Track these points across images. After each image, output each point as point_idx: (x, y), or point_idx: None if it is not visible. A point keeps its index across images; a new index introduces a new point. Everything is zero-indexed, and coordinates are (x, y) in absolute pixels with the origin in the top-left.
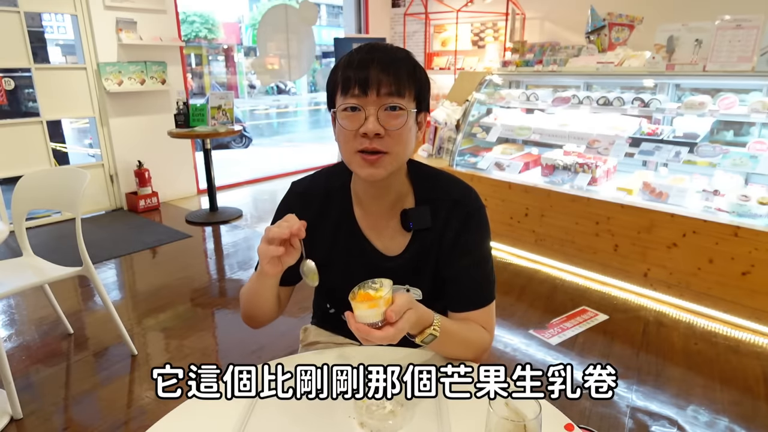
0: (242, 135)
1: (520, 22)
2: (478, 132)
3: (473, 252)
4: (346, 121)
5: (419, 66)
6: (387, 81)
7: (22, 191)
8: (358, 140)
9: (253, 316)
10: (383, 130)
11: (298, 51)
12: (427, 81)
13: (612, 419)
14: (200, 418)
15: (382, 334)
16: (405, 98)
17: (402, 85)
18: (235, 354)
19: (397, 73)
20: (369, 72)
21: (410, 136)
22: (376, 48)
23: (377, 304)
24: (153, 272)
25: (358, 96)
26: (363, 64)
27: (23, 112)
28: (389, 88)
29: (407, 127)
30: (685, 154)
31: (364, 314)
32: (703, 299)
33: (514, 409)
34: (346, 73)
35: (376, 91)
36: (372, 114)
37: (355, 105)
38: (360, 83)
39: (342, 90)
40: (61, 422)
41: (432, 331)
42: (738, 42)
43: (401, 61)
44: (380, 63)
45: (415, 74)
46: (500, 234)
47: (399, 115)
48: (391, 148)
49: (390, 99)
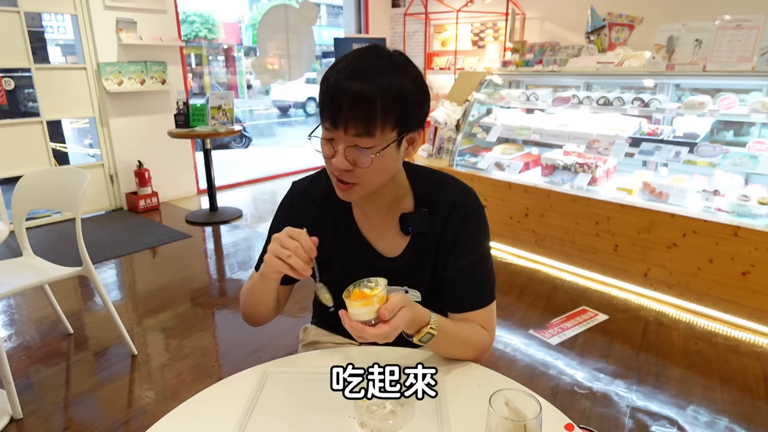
0: (242, 135)
1: (520, 22)
2: (478, 132)
3: (473, 252)
4: (322, 148)
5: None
6: (354, 121)
7: (22, 191)
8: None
9: (253, 314)
10: (351, 166)
11: (298, 51)
12: (421, 96)
13: (612, 419)
14: (200, 418)
15: (375, 331)
16: (376, 136)
17: (372, 123)
18: (235, 354)
19: (370, 109)
20: (340, 105)
21: (383, 167)
22: (357, 70)
23: (371, 302)
24: (153, 272)
25: (329, 129)
26: (335, 96)
27: (23, 112)
28: (355, 129)
29: (379, 161)
30: (685, 154)
31: (357, 312)
32: (703, 299)
33: (515, 408)
34: (324, 97)
35: (344, 129)
36: (340, 152)
37: (327, 137)
38: (330, 118)
39: (320, 115)
40: (61, 422)
41: (429, 329)
42: (738, 42)
43: (377, 92)
44: (353, 97)
45: (396, 102)
46: (500, 234)
47: (366, 153)
48: (360, 179)
49: (357, 140)
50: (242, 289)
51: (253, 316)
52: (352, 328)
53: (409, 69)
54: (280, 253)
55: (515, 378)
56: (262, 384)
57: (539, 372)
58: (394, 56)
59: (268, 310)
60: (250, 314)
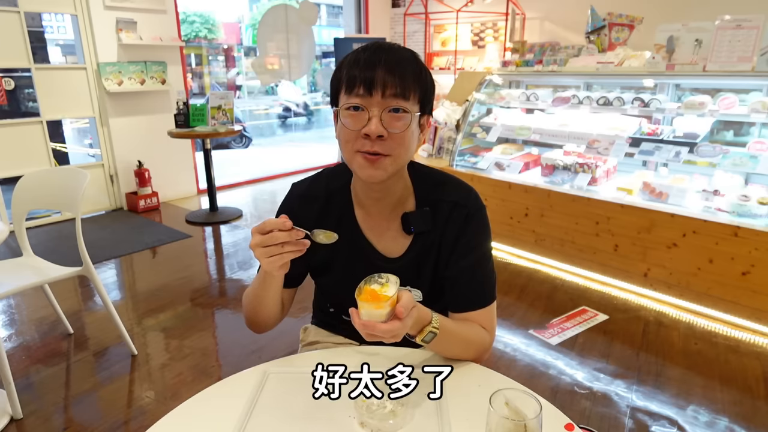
0: (242, 135)
1: (520, 22)
2: (478, 132)
3: (474, 252)
4: (348, 120)
5: (425, 68)
6: (392, 82)
7: (22, 191)
8: (360, 141)
9: (257, 320)
10: (386, 132)
11: (298, 51)
12: (432, 84)
13: (612, 419)
14: (200, 418)
15: (387, 327)
16: (409, 101)
17: (407, 87)
18: (235, 354)
19: (403, 74)
20: (375, 72)
21: (412, 138)
22: (383, 48)
23: (382, 306)
24: (153, 272)
25: (362, 96)
26: (369, 64)
27: (23, 112)
28: (394, 89)
29: (410, 130)
30: (685, 154)
31: (370, 313)
32: (703, 299)
33: (515, 408)
34: (351, 71)
35: (381, 92)
36: (375, 115)
37: (358, 105)
38: (365, 83)
39: (346, 88)
40: (61, 422)
41: (431, 328)
42: (738, 42)
43: (408, 62)
44: (387, 63)
45: (420, 76)
46: (500, 234)
47: (402, 117)
48: (392, 150)
49: (395, 101)
50: (244, 294)
51: (257, 322)
52: (363, 327)
53: (419, 58)
54: (273, 251)
55: (515, 378)
56: (262, 384)
57: (539, 372)
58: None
59: (272, 314)
60: (253, 320)
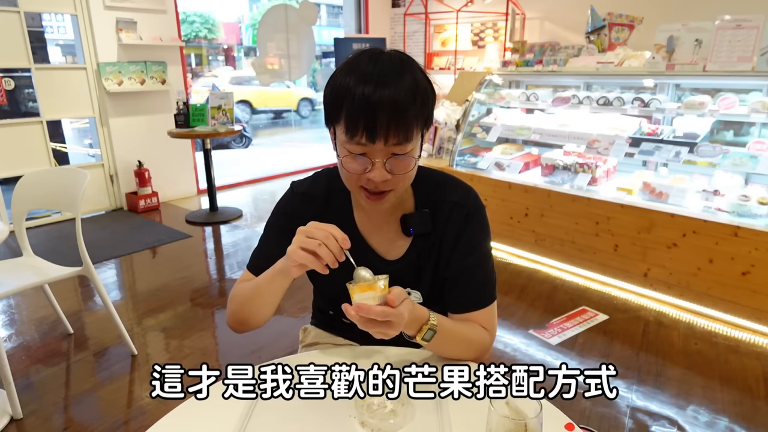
0: (242, 135)
1: (520, 22)
2: (478, 132)
3: (474, 252)
4: (352, 165)
5: (425, 83)
6: (395, 131)
7: (22, 191)
8: (363, 180)
9: (247, 318)
10: (390, 176)
11: (298, 51)
12: (433, 94)
13: (612, 419)
14: (200, 418)
15: (381, 309)
16: (413, 140)
17: (411, 130)
18: (235, 354)
19: (407, 117)
20: (377, 118)
21: (415, 165)
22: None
23: (374, 288)
24: (153, 272)
25: (364, 144)
26: (370, 107)
27: (23, 112)
28: (397, 137)
29: (414, 162)
30: (685, 154)
31: (362, 297)
32: (703, 299)
33: (515, 408)
34: (352, 110)
35: (384, 140)
36: (379, 164)
37: (360, 152)
38: (367, 130)
39: (347, 131)
40: (61, 422)
41: (430, 325)
42: (738, 42)
43: (409, 97)
44: (389, 108)
45: (423, 107)
46: (500, 234)
47: (406, 158)
48: (396, 185)
49: (398, 148)
50: (235, 291)
51: (246, 320)
52: (358, 308)
53: (413, 61)
54: (308, 244)
55: None
56: None
57: None
58: (397, 54)
59: (267, 312)
60: (244, 317)
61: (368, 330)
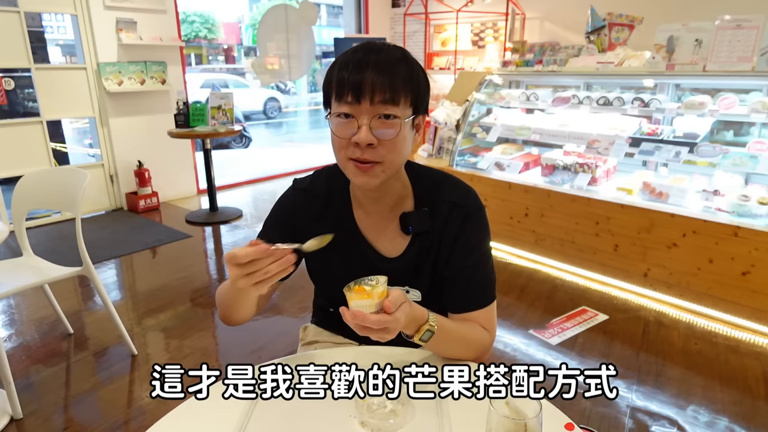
0: (242, 135)
1: (520, 22)
2: (478, 132)
3: (473, 252)
4: (338, 128)
5: (418, 67)
6: (381, 88)
7: (22, 191)
8: (351, 148)
9: (233, 318)
10: (376, 140)
11: (298, 51)
12: (426, 83)
13: (612, 419)
14: (200, 418)
15: (376, 318)
16: (400, 105)
17: (397, 91)
18: (235, 354)
19: (393, 78)
20: (363, 76)
21: (405, 143)
22: (373, 49)
23: (371, 295)
24: (153, 272)
25: (350, 103)
26: (358, 68)
27: (23, 112)
28: (383, 95)
29: (401, 135)
30: (685, 154)
31: (359, 304)
32: (703, 299)
33: (515, 408)
34: (340, 75)
35: (370, 98)
36: (365, 123)
37: (347, 112)
38: (353, 89)
39: (336, 94)
40: (61, 422)
41: (428, 326)
42: (738, 42)
43: (398, 64)
44: (376, 67)
45: (412, 78)
46: (500, 234)
47: (393, 124)
48: (383, 157)
49: (384, 107)
50: (219, 292)
51: (233, 318)
52: (354, 316)
53: (412, 56)
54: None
55: None
56: None
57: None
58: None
59: (247, 314)
60: (230, 316)
61: (365, 335)
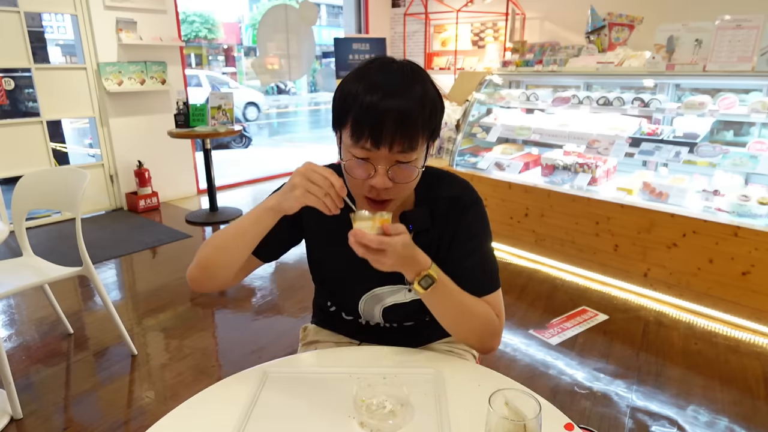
0: (242, 135)
1: (520, 22)
2: (478, 132)
3: (473, 240)
4: (355, 170)
5: (434, 96)
6: (401, 138)
7: (22, 191)
8: (366, 187)
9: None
10: (392, 184)
11: (298, 51)
12: (441, 109)
13: (612, 419)
14: (200, 418)
15: (375, 237)
16: (417, 149)
17: (416, 139)
18: (234, 354)
19: (414, 126)
20: (383, 124)
21: (417, 174)
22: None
23: (374, 219)
24: (153, 272)
25: (369, 150)
26: (376, 115)
27: (23, 112)
28: (402, 145)
29: (416, 173)
30: (685, 154)
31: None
32: (703, 299)
33: (514, 408)
34: (358, 115)
35: (389, 147)
36: (382, 170)
37: (365, 157)
38: (372, 135)
39: (353, 134)
40: (61, 422)
41: (430, 272)
42: (738, 42)
43: (417, 106)
44: (396, 115)
45: (432, 117)
46: (500, 234)
47: (410, 168)
48: (398, 194)
49: (402, 156)
50: (210, 238)
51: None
52: (354, 234)
53: (425, 73)
54: (314, 191)
55: (515, 378)
56: (262, 384)
57: (539, 372)
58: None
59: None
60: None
61: (364, 256)
